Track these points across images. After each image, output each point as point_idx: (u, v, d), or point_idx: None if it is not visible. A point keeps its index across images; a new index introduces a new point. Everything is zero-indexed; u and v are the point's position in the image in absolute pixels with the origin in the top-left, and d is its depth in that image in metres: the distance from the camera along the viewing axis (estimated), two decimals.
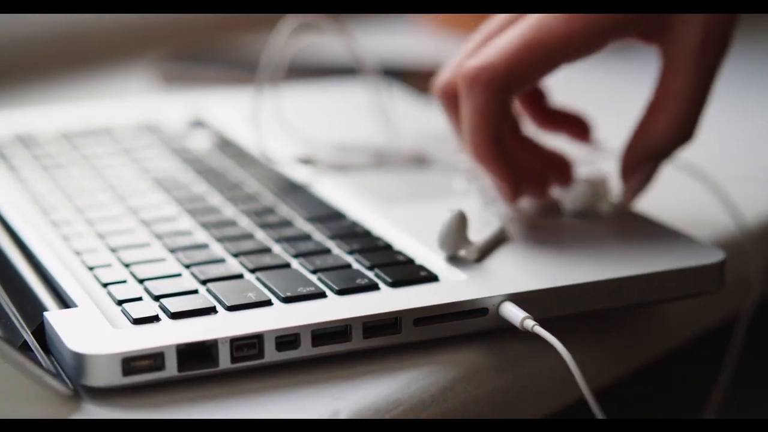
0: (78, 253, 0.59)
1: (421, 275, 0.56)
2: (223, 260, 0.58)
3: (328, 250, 0.59)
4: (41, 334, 0.53)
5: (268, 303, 0.54)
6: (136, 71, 1.02)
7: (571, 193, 0.64)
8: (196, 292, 0.55)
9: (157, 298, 0.54)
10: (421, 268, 0.57)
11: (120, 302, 0.54)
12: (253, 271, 0.57)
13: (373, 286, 0.55)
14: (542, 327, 0.53)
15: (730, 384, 0.65)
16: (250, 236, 0.61)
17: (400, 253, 0.59)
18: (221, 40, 1.12)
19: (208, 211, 0.65)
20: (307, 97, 0.85)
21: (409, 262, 0.58)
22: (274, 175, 0.70)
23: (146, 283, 0.55)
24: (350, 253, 0.59)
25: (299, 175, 0.70)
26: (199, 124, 0.80)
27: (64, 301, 0.55)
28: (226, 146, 0.76)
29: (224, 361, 0.51)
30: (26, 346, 0.51)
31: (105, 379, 0.49)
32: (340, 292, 0.54)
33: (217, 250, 0.59)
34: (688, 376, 0.73)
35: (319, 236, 0.61)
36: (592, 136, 0.66)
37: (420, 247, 0.59)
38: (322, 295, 0.54)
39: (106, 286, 0.56)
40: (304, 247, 0.59)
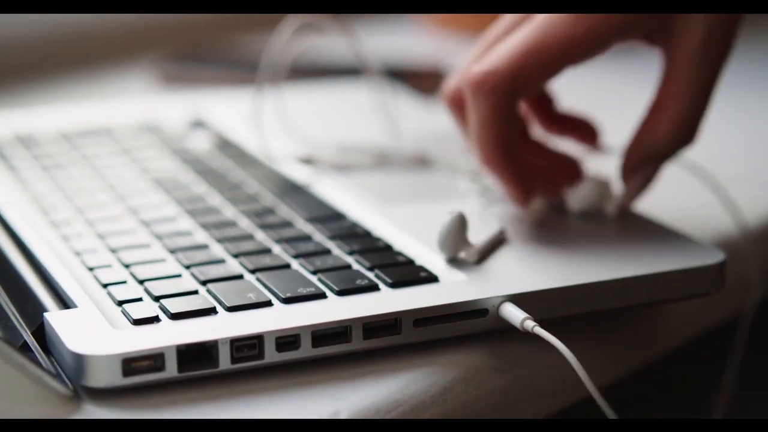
0: (78, 254, 0.59)
1: (421, 276, 0.56)
2: (223, 261, 0.58)
3: (329, 251, 0.59)
4: (41, 335, 0.53)
5: (269, 304, 0.53)
6: (137, 71, 1.02)
7: (574, 194, 0.63)
8: (196, 292, 0.55)
9: (157, 299, 0.54)
10: (421, 269, 0.57)
11: (120, 303, 0.54)
12: (253, 271, 0.57)
13: (373, 287, 0.55)
14: (542, 328, 0.53)
15: (736, 384, 0.65)
16: (251, 237, 0.61)
17: (401, 254, 0.58)
18: (221, 40, 1.12)
19: (208, 211, 0.65)
20: (309, 98, 0.85)
21: (409, 262, 0.58)
22: (275, 176, 0.70)
23: (146, 284, 0.55)
24: (350, 254, 0.59)
25: (299, 176, 0.70)
26: (200, 125, 0.80)
27: (64, 302, 0.55)
28: (227, 147, 0.76)
29: (224, 362, 0.51)
30: (26, 347, 0.51)
31: (105, 379, 0.49)
32: (341, 293, 0.54)
33: (217, 250, 0.59)
34: (689, 377, 0.73)
35: (320, 237, 0.61)
36: (600, 140, 0.66)
37: (420, 247, 0.59)
38: (322, 296, 0.54)
39: (106, 286, 0.56)
40: (304, 247, 0.59)
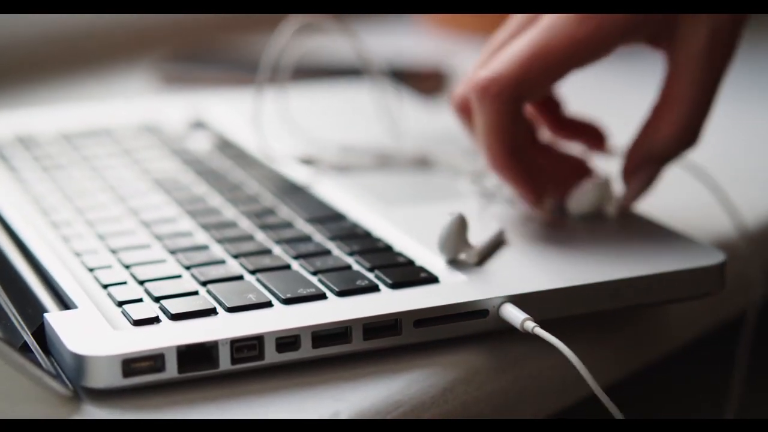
0: (78, 254, 0.59)
1: (421, 277, 0.56)
2: (224, 261, 0.58)
3: (329, 252, 0.59)
4: (41, 336, 0.53)
5: (269, 304, 0.53)
6: (137, 72, 1.02)
7: (574, 195, 0.63)
8: (196, 293, 0.55)
9: (158, 300, 0.54)
10: (422, 270, 0.57)
11: (120, 303, 0.54)
12: (253, 272, 0.57)
13: (373, 288, 0.55)
14: (542, 328, 0.53)
15: (743, 384, 0.65)
16: (251, 237, 0.61)
17: (401, 255, 0.58)
18: (222, 41, 1.12)
19: (208, 212, 0.65)
20: (310, 98, 0.85)
21: (410, 263, 0.58)
22: (275, 177, 0.70)
23: (146, 285, 0.55)
24: (350, 255, 0.58)
25: (300, 176, 0.70)
26: (200, 125, 0.80)
27: (65, 303, 0.55)
28: (227, 147, 0.76)
29: (224, 363, 0.51)
30: (26, 348, 0.51)
31: (105, 380, 0.49)
32: (341, 294, 0.54)
33: (218, 251, 0.59)
34: (689, 377, 0.73)
35: (320, 237, 0.61)
36: (608, 145, 0.66)
37: (420, 248, 0.59)
38: (322, 297, 0.54)
39: (106, 287, 0.56)
40: (304, 248, 0.59)
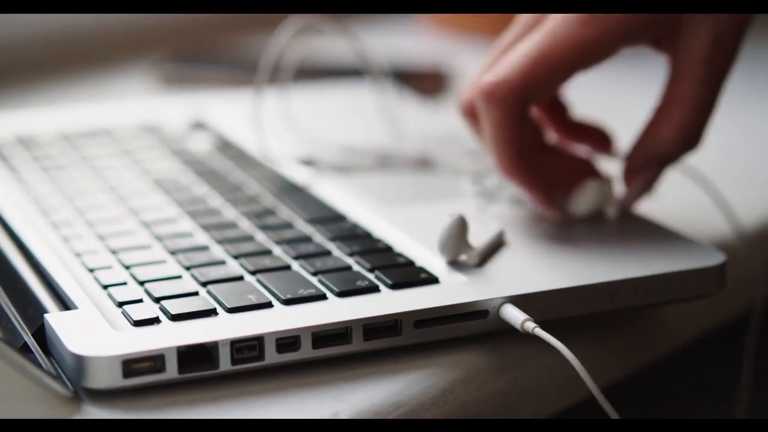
0: (78, 255, 0.59)
1: (421, 277, 0.56)
2: (224, 262, 0.58)
3: (329, 252, 0.59)
4: (42, 336, 0.53)
5: (269, 305, 0.53)
6: (137, 72, 1.02)
7: (575, 196, 0.63)
8: (196, 294, 0.55)
9: (158, 300, 0.54)
10: (422, 270, 0.57)
11: (120, 304, 0.54)
12: (253, 273, 0.57)
13: (373, 288, 0.55)
14: (542, 329, 0.53)
15: (751, 383, 0.66)
16: (251, 238, 0.61)
17: (401, 255, 0.58)
18: (222, 41, 1.12)
19: (208, 212, 0.65)
20: (311, 99, 0.85)
21: (410, 264, 0.58)
22: (275, 177, 0.70)
23: (147, 285, 0.55)
24: (351, 255, 0.58)
25: (300, 177, 0.70)
26: (200, 126, 0.80)
27: (65, 303, 0.55)
28: (227, 148, 0.76)
29: (224, 363, 0.51)
30: (26, 348, 0.51)
31: (105, 381, 0.49)
32: (341, 294, 0.54)
33: (218, 252, 0.59)
34: (689, 377, 0.73)
35: (320, 238, 0.61)
36: (614, 148, 0.66)
37: (421, 249, 0.59)
38: (322, 297, 0.54)
39: (106, 287, 0.56)
40: (304, 249, 0.59)
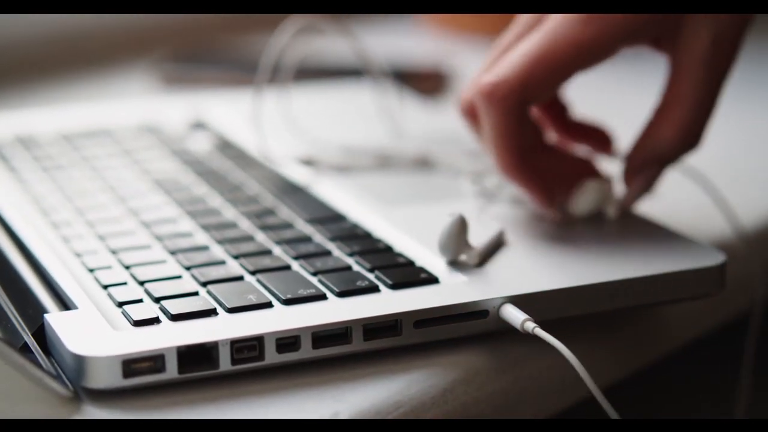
0: (78, 255, 0.59)
1: (421, 277, 0.56)
2: (224, 262, 0.58)
3: (329, 252, 0.59)
4: (42, 336, 0.53)
5: (269, 305, 0.53)
6: (137, 72, 1.02)
7: (574, 196, 0.63)
8: (196, 294, 0.55)
9: (158, 300, 0.54)
10: (422, 270, 0.57)
11: (120, 304, 0.54)
12: (253, 273, 0.57)
13: (373, 288, 0.55)
14: (542, 329, 0.53)
15: (751, 383, 0.66)
16: (251, 238, 0.61)
17: (401, 255, 0.58)
18: (222, 41, 1.12)
19: (208, 212, 0.65)
20: (311, 99, 0.85)
21: (410, 264, 0.58)
22: (275, 177, 0.70)
23: (147, 285, 0.55)
24: (351, 255, 0.58)
25: (300, 177, 0.70)
26: (200, 126, 0.80)
27: (65, 303, 0.55)
28: (227, 148, 0.76)
29: (225, 363, 0.51)
30: (27, 348, 0.51)
31: (105, 381, 0.49)
32: (341, 294, 0.54)
33: (218, 251, 0.59)
34: (689, 377, 0.73)
35: (320, 238, 0.61)
36: (614, 148, 0.66)
37: (421, 249, 0.59)
38: (322, 297, 0.54)
39: (106, 287, 0.56)
40: (304, 249, 0.59)
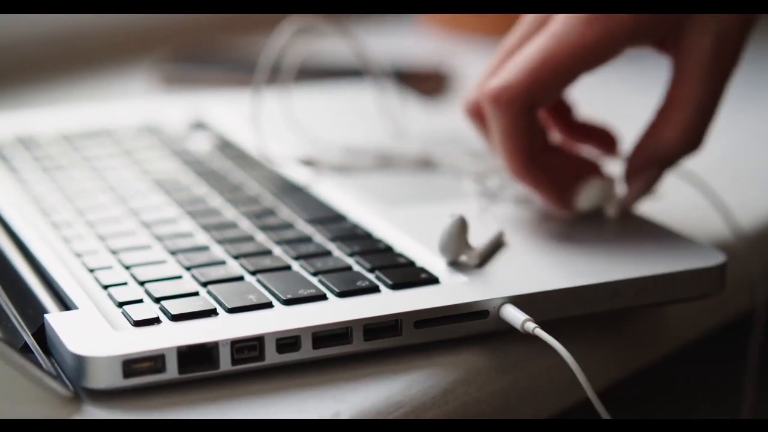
0: (78, 255, 0.59)
1: (421, 277, 0.56)
2: (224, 262, 0.58)
3: (329, 252, 0.59)
4: (42, 336, 0.53)
5: (269, 305, 0.53)
6: (137, 72, 1.02)
7: (578, 192, 0.63)
8: (196, 294, 0.55)
9: (158, 300, 0.54)
10: (422, 271, 0.57)
11: (120, 304, 0.54)
12: (253, 273, 0.57)
13: (373, 289, 0.55)
14: (543, 329, 0.53)
15: (757, 384, 0.66)
16: (251, 238, 0.61)
17: (401, 256, 0.58)
18: (222, 41, 1.12)
19: (208, 212, 0.65)
20: (312, 99, 0.85)
21: (410, 264, 0.58)
22: (275, 177, 0.70)
23: (147, 285, 0.55)
24: (351, 255, 0.58)
25: (300, 177, 0.70)
26: (200, 126, 0.80)
27: (65, 303, 0.55)
28: (227, 148, 0.76)
29: (225, 363, 0.51)
30: (27, 348, 0.51)
31: (105, 381, 0.49)
32: (341, 294, 0.54)
33: (218, 252, 0.59)
34: (689, 378, 0.73)
35: (320, 238, 0.61)
36: (619, 149, 0.66)
37: (421, 249, 0.59)
38: (322, 298, 0.54)
39: (106, 288, 0.56)
40: (304, 249, 0.59)
